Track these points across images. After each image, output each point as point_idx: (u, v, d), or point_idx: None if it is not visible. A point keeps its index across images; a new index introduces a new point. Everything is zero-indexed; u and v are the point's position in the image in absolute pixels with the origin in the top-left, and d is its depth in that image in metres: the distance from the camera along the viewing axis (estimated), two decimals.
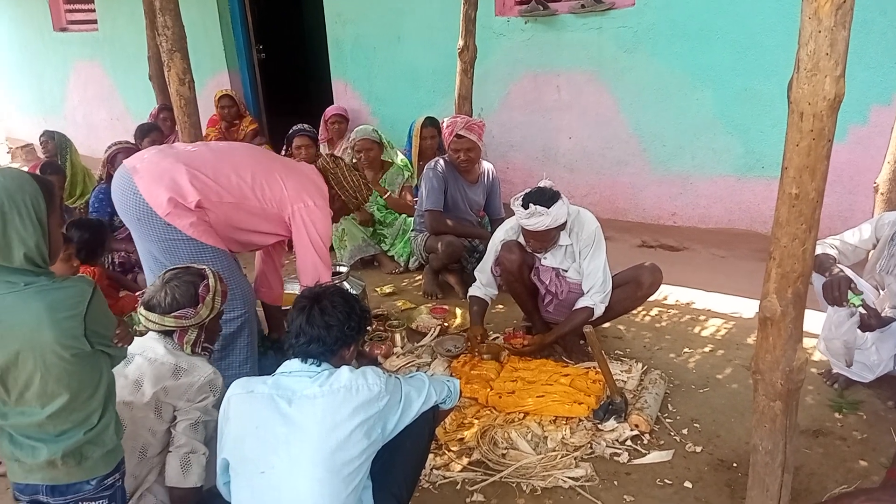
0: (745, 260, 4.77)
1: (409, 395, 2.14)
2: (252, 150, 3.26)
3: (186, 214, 2.77)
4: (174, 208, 2.74)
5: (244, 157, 3.03)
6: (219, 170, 2.87)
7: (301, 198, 2.97)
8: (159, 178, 2.78)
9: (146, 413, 2.17)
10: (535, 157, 6.11)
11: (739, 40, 4.92)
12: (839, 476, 2.66)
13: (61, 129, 6.14)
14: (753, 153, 5.09)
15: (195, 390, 2.22)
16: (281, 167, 3.06)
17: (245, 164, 2.96)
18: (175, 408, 2.21)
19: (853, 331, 2.87)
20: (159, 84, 6.45)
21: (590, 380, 3.18)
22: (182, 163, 2.82)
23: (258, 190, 2.91)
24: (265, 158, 3.15)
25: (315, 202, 3.00)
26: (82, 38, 9.02)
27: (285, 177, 2.99)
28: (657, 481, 2.67)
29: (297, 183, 3.00)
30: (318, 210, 3.00)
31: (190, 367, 2.24)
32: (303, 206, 2.96)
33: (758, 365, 1.93)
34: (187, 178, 2.77)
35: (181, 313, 2.26)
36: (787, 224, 1.75)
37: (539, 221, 3.17)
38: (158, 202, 2.75)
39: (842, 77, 1.62)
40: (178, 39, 3.63)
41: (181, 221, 2.76)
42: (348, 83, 7.08)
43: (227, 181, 2.86)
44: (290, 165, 3.17)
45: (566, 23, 5.59)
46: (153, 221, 2.78)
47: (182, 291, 2.27)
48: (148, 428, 2.17)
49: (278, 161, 3.19)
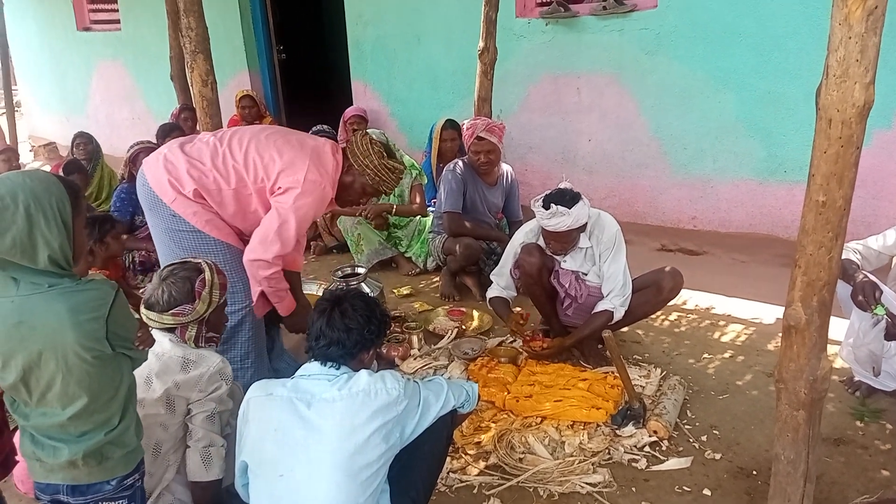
0: (766, 265, 4.72)
1: (427, 399, 2.14)
2: (260, 128, 3.04)
3: (190, 203, 2.80)
4: (177, 194, 2.79)
5: (243, 136, 2.91)
6: (214, 156, 2.83)
7: (293, 168, 2.78)
8: (163, 165, 2.84)
9: (157, 409, 2.18)
10: (554, 159, 6.09)
11: (762, 43, 4.87)
12: (860, 485, 2.62)
13: (84, 129, 6.24)
14: (776, 157, 5.04)
15: (206, 381, 2.23)
16: (282, 140, 2.89)
17: (241, 143, 2.86)
18: (188, 400, 2.23)
19: (880, 339, 2.84)
20: (181, 84, 6.51)
21: (608, 385, 3.16)
22: (182, 152, 2.85)
23: (251, 169, 2.80)
24: (270, 134, 2.93)
25: (307, 176, 2.78)
26: (105, 37, 9.12)
27: (283, 148, 2.84)
28: (675, 488, 2.65)
29: (293, 155, 2.82)
30: (306, 184, 2.77)
31: (198, 359, 2.26)
32: (290, 178, 2.78)
33: (781, 374, 1.91)
34: (185, 167, 2.80)
35: (178, 310, 2.26)
36: (813, 232, 1.73)
37: (560, 222, 3.16)
38: (163, 189, 2.81)
39: (871, 84, 1.60)
40: (202, 41, 3.65)
41: (186, 210, 2.80)
42: (368, 84, 7.10)
43: (221, 165, 2.81)
44: (296, 140, 2.94)
45: (587, 24, 5.57)
46: (161, 210, 2.84)
47: (178, 288, 2.27)
48: (160, 423, 2.19)
49: (286, 135, 2.97)
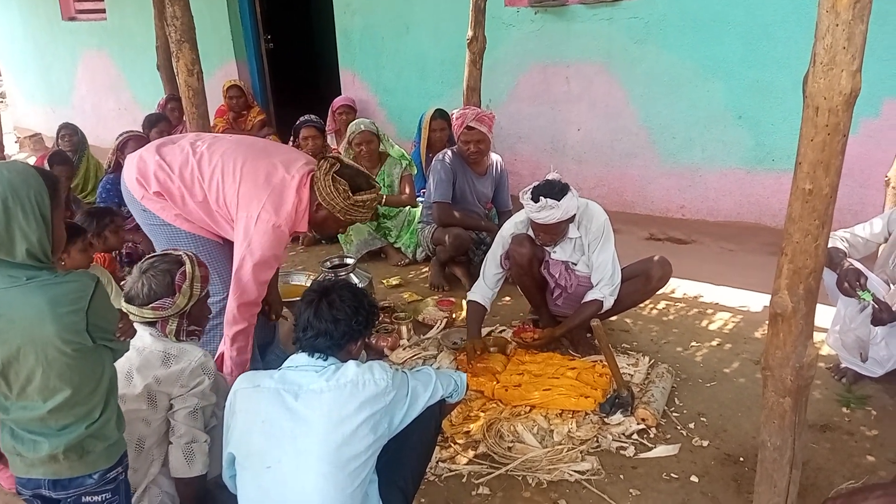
0: (753, 253, 4.75)
1: (415, 389, 2.13)
2: (237, 145, 2.89)
3: (156, 199, 2.79)
4: (145, 192, 2.79)
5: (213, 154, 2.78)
6: (184, 166, 2.77)
7: (249, 205, 2.66)
8: (136, 163, 2.83)
9: (138, 404, 2.16)
10: (543, 148, 6.09)
11: (751, 32, 4.87)
12: (846, 471, 2.65)
13: (69, 119, 6.18)
14: (764, 146, 5.05)
15: (187, 375, 2.21)
16: (249, 167, 2.74)
17: (211, 161, 2.75)
18: (170, 395, 2.21)
19: (867, 325, 2.86)
20: (167, 74, 6.46)
21: (596, 373, 3.17)
22: (157, 153, 2.83)
23: (213, 190, 2.73)
24: (239, 157, 2.78)
25: (263, 215, 2.65)
26: (91, 27, 9.03)
27: (244, 180, 2.70)
28: (663, 475, 2.67)
29: (250, 189, 2.68)
30: (261, 224, 2.65)
31: (179, 353, 2.23)
32: (245, 216, 2.66)
33: (767, 361, 1.92)
34: (154, 168, 2.78)
35: (159, 304, 2.24)
36: (799, 220, 1.73)
37: (550, 214, 3.16)
38: (133, 186, 2.81)
39: (858, 72, 1.60)
40: (188, 30, 3.61)
41: (154, 205, 2.80)
42: (356, 73, 7.06)
43: (188, 179, 2.75)
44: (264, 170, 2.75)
45: (576, 13, 5.55)
46: (135, 206, 2.86)
47: (158, 281, 2.25)
48: (142, 419, 2.17)
49: (256, 160, 2.79)
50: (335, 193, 2.76)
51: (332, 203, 2.77)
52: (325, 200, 2.77)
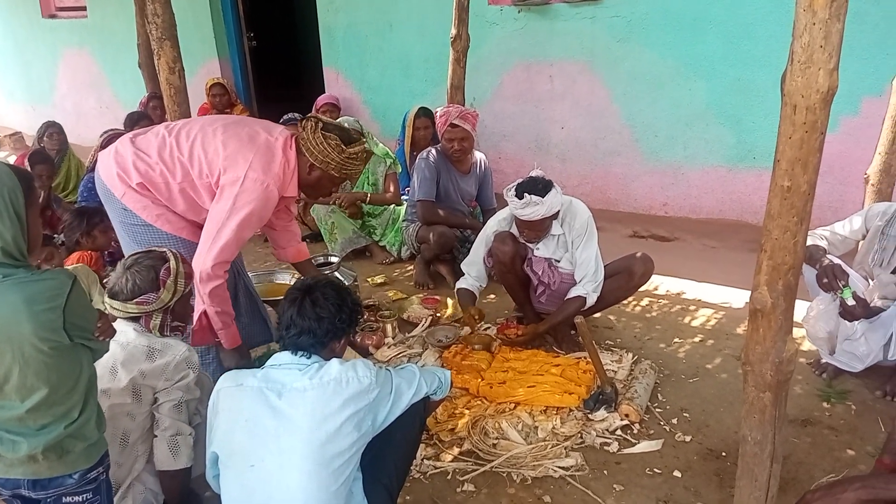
0: (735, 250, 4.79)
1: (399, 387, 2.14)
2: (210, 120, 2.86)
3: (139, 197, 2.70)
4: (127, 188, 2.70)
5: (191, 128, 2.74)
6: (161, 147, 2.70)
7: (235, 166, 2.61)
8: (114, 158, 2.75)
9: (123, 398, 2.16)
10: (527, 147, 6.10)
11: (732, 30, 4.91)
12: (827, 465, 2.68)
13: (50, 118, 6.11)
14: (745, 144, 5.10)
15: (172, 369, 2.21)
16: (231, 132, 2.70)
17: (188, 135, 2.70)
18: (155, 389, 2.20)
19: (834, 316, 2.90)
20: (149, 72, 6.39)
21: (580, 370, 3.19)
22: (132, 144, 2.75)
23: (196, 163, 2.66)
24: (220, 126, 2.75)
25: (247, 173, 2.59)
26: (71, 25, 8.94)
27: (228, 142, 2.66)
28: (647, 470, 2.69)
29: (236, 149, 2.64)
30: (246, 182, 2.59)
31: (164, 348, 2.23)
32: (231, 177, 2.60)
33: (748, 356, 1.94)
34: (132, 159, 2.70)
35: (143, 299, 2.23)
36: (778, 216, 1.75)
37: (535, 211, 3.17)
38: (113, 182, 2.72)
39: (835, 70, 1.62)
40: (169, 27, 3.58)
41: (136, 204, 2.71)
42: (340, 71, 7.04)
43: (167, 157, 2.67)
44: (247, 133, 2.73)
45: (559, 12, 5.57)
46: (113, 204, 2.76)
47: (143, 276, 2.24)
48: (126, 413, 2.17)
49: (237, 127, 2.77)
50: (329, 149, 2.73)
51: (326, 160, 2.74)
52: (317, 158, 2.74)
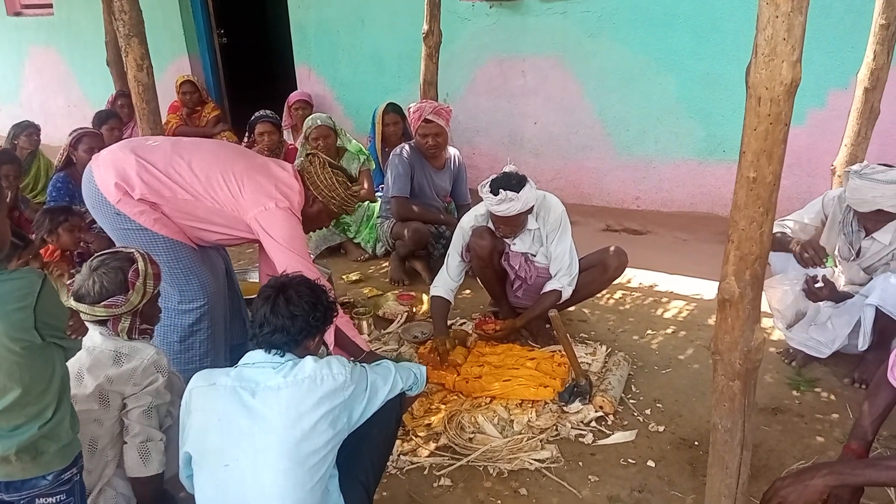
0: (706, 242, 4.85)
1: (374, 383, 2.13)
2: (219, 147, 2.99)
3: (135, 203, 2.69)
4: (123, 196, 2.68)
5: (205, 153, 2.84)
6: (171, 164, 2.74)
7: (258, 201, 2.74)
8: (111, 165, 2.72)
9: (90, 405, 2.11)
10: (501, 142, 6.12)
11: (701, 25, 4.97)
12: (797, 452, 2.73)
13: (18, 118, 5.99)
14: (715, 137, 5.16)
15: (140, 374, 2.16)
16: (242, 168, 2.81)
17: (204, 160, 2.79)
18: (123, 395, 2.16)
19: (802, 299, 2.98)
20: (118, 70, 6.31)
21: (555, 363, 3.21)
22: (133, 153, 2.74)
23: (211, 188, 2.74)
24: (231, 156, 2.88)
25: (275, 205, 2.74)
26: (37, 22, 8.77)
27: (245, 179, 2.77)
28: (621, 461, 2.72)
29: (256, 185, 2.76)
30: (277, 212, 2.74)
31: (131, 352, 2.19)
32: (262, 210, 2.73)
33: (717, 346, 1.96)
34: (135, 169, 2.69)
35: (111, 301, 2.17)
36: (745, 207, 1.77)
37: (510, 207, 3.18)
38: (108, 189, 2.69)
39: (798, 62, 1.64)
40: (136, 24, 3.53)
41: (130, 210, 2.69)
42: (312, 68, 7.00)
43: (180, 177, 2.72)
44: (255, 166, 2.87)
45: (531, 7, 5.59)
46: (105, 209, 2.73)
47: (110, 279, 2.18)
48: (94, 419, 2.12)
49: (244, 161, 2.89)
50: (337, 185, 2.90)
51: (332, 195, 2.90)
52: (322, 193, 2.89)
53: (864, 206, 2.94)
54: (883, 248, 3.05)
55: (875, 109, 3.65)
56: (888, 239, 3.03)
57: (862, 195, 2.92)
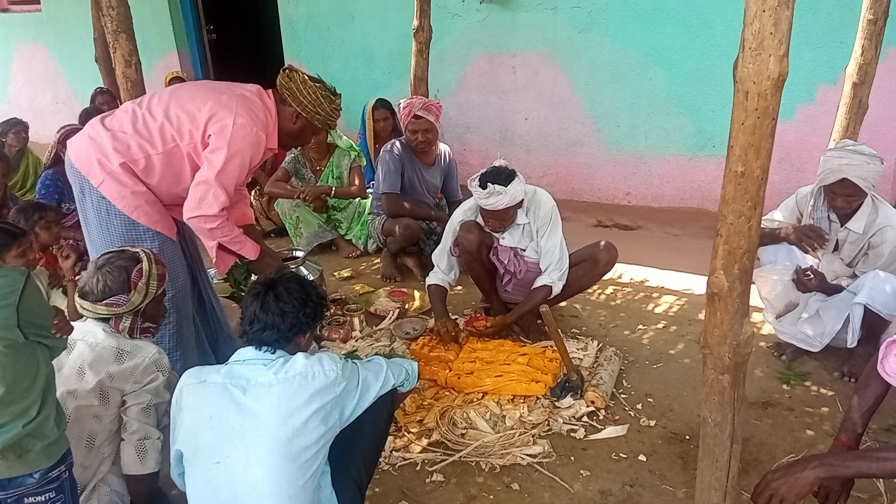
0: (696, 238, 4.86)
1: (366, 379, 2.13)
2: (183, 85, 2.84)
3: (118, 186, 2.62)
4: (106, 175, 2.61)
5: (163, 95, 2.72)
6: (136, 120, 2.64)
7: (220, 114, 2.58)
8: (87, 145, 2.66)
9: (90, 400, 2.11)
10: (491, 138, 6.12)
11: (690, 21, 4.98)
12: (787, 445, 2.75)
13: (6, 115, 5.96)
14: (704, 132, 5.18)
15: (141, 372, 2.17)
16: (205, 89, 2.72)
17: (162, 102, 2.67)
18: (123, 392, 2.16)
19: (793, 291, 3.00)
20: (106, 66, 6.28)
21: (547, 358, 3.22)
22: (104, 126, 2.67)
23: (175, 125, 2.61)
24: (190, 87, 2.77)
25: (236, 120, 2.57)
26: (25, 18, 8.71)
27: (207, 96, 2.65)
28: (612, 455, 2.73)
29: (217, 101, 2.62)
30: (235, 129, 2.57)
31: (133, 350, 2.19)
32: (218, 124, 2.57)
33: (706, 340, 1.97)
34: (110, 141, 2.62)
35: (113, 301, 2.18)
36: (733, 201, 1.78)
37: (498, 201, 3.18)
38: (91, 170, 2.63)
39: (785, 56, 1.65)
40: (124, 20, 3.50)
41: (114, 193, 2.62)
42: (302, 64, 6.96)
43: (144, 129, 2.62)
44: (219, 88, 2.75)
45: (521, 3, 5.59)
46: (88, 195, 2.67)
47: (114, 277, 2.19)
48: (93, 415, 2.12)
49: (207, 84, 2.79)
50: (321, 98, 2.78)
51: (316, 109, 2.79)
52: (306, 108, 2.77)
53: (830, 176, 2.97)
54: (858, 237, 3.09)
55: (863, 104, 3.66)
56: (861, 227, 3.07)
57: (830, 165, 2.97)
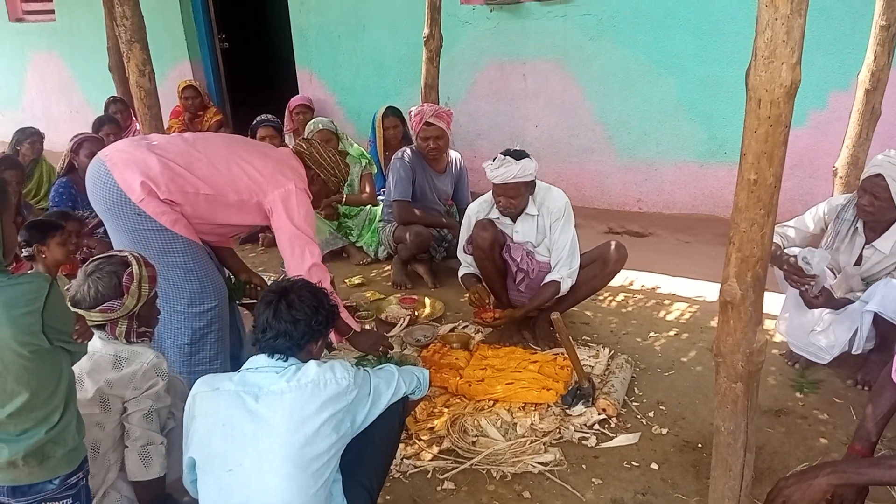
0: (708, 244, 4.84)
1: (378, 387, 2.14)
2: (226, 138, 3.17)
3: (158, 203, 2.69)
4: (147, 195, 2.66)
5: (218, 146, 2.94)
6: (192, 159, 2.78)
7: (279, 183, 2.86)
8: (133, 164, 2.70)
9: (91, 409, 2.11)
10: (502, 145, 6.04)
11: (701, 27, 4.97)
12: (800, 454, 2.72)
13: (20, 123, 6.02)
14: (716, 139, 5.16)
15: (140, 377, 2.17)
16: (256, 153, 2.97)
17: (219, 153, 2.87)
18: (123, 399, 2.16)
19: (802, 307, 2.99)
20: (119, 75, 6.34)
21: (558, 366, 3.21)
22: (154, 153, 2.74)
23: (233, 179, 2.82)
24: (239, 145, 3.04)
25: (295, 185, 2.88)
26: (40, 28, 8.80)
27: (261, 163, 2.89)
28: (624, 464, 2.71)
29: (273, 168, 2.90)
30: (298, 193, 2.88)
31: (131, 356, 2.19)
32: (282, 192, 2.85)
33: (719, 348, 1.96)
34: (159, 167, 2.69)
35: (107, 306, 2.18)
36: (746, 209, 1.78)
37: (507, 171, 3.24)
38: (131, 188, 2.67)
39: (798, 64, 1.65)
40: (138, 30, 3.54)
41: (153, 208, 2.68)
42: (313, 72, 7.01)
43: (202, 171, 2.77)
44: (265, 151, 3.06)
45: (531, 10, 5.60)
46: (125, 210, 2.69)
47: (105, 283, 2.19)
48: (95, 423, 2.13)
49: (252, 147, 3.08)
50: (340, 162, 3.10)
51: (333, 171, 3.08)
52: (326, 172, 3.06)
53: (871, 169, 2.98)
54: (884, 258, 3.05)
55: (876, 111, 3.65)
56: (888, 248, 3.03)
57: (875, 161, 2.98)
